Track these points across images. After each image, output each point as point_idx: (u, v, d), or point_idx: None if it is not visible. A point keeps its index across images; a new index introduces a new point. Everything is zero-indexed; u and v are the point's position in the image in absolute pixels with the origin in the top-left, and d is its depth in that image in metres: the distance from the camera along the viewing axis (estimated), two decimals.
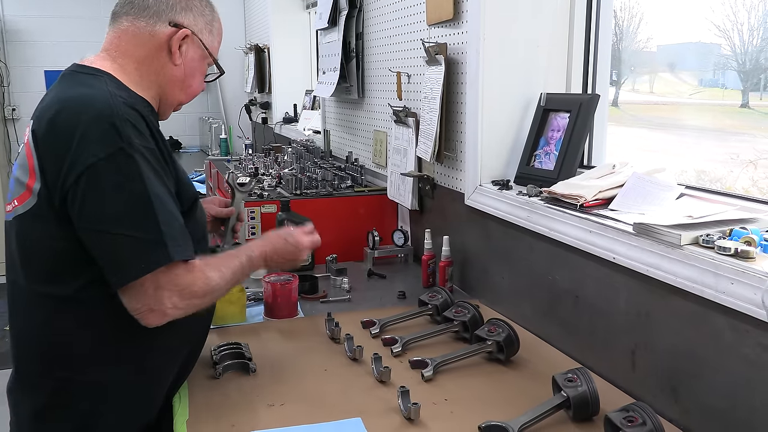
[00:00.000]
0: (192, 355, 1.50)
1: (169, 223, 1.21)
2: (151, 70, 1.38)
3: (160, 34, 1.37)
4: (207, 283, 1.28)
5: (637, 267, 1.35)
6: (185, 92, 1.44)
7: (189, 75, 1.42)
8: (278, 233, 1.53)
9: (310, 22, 4.92)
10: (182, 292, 1.23)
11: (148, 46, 1.36)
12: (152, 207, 1.19)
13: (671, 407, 1.32)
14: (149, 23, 1.36)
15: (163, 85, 1.40)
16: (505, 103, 1.97)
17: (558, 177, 1.78)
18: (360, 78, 3.00)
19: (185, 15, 1.39)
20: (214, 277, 1.30)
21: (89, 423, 1.31)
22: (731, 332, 1.17)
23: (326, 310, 1.86)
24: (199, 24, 1.41)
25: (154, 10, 1.36)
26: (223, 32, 1.51)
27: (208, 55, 1.44)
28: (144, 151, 1.21)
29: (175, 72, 1.40)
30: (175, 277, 1.22)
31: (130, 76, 1.35)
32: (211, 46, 1.45)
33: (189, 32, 1.38)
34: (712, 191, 1.55)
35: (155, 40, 1.36)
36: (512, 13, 1.92)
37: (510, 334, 1.58)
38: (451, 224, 2.19)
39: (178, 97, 1.44)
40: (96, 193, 1.18)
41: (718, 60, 1.82)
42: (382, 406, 1.37)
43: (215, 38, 1.47)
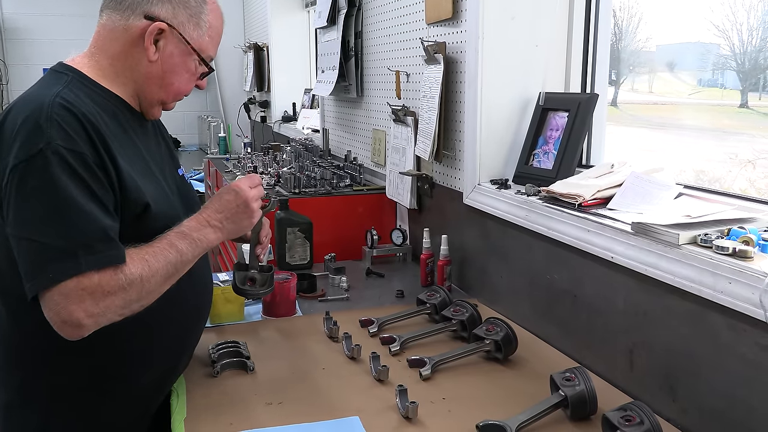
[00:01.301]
0: (170, 369, 1.44)
1: (84, 230, 1.13)
2: (126, 66, 1.31)
3: (133, 28, 1.28)
4: (122, 278, 1.16)
5: (635, 266, 1.35)
6: (165, 90, 1.35)
7: (168, 72, 1.33)
8: (224, 187, 1.39)
9: (309, 21, 4.92)
10: (93, 294, 1.13)
11: (122, 40, 1.29)
12: (65, 213, 1.13)
13: (669, 406, 1.32)
14: (123, 16, 1.28)
15: (139, 82, 1.32)
16: (503, 102, 1.97)
17: (556, 176, 1.78)
18: (359, 77, 3.00)
19: (162, 6, 1.29)
20: (133, 270, 1.18)
21: (52, 423, 1.32)
22: (729, 332, 1.17)
23: (324, 309, 1.86)
24: (180, 16, 1.30)
25: (129, 2, 1.28)
26: (222, 25, 1.41)
27: (191, 51, 1.33)
28: (66, 153, 1.14)
29: (151, 69, 1.31)
30: (82, 281, 1.12)
31: (104, 72, 1.31)
32: (196, 41, 1.33)
33: (165, 26, 1.28)
34: (711, 191, 1.55)
35: (129, 34, 1.29)
36: (511, 12, 1.92)
37: (508, 333, 1.58)
38: (450, 223, 2.19)
39: (157, 95, 1.35)
40: (16, 197, 1.14)
41: (717, 60, 1.82)
42: (380, 404, 1.37)
43: (204, 32, 1.35)
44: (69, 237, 1.12)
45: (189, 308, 1.43)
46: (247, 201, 1.37)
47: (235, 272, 1.52)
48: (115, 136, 1.24)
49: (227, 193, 1.37)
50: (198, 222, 1.31)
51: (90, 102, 1.24)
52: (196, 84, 1.41)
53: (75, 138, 1.15)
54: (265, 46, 5.18)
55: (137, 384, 1.37)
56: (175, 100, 1.40)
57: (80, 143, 1.16)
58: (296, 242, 2.35)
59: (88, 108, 1.21)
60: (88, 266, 1.12)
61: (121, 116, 1.31)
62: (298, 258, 2.36)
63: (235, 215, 1.36)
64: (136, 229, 1.24)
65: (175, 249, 1.24)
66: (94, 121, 1.20)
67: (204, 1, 1.35)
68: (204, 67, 1.38)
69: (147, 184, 1.29)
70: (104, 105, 1.28)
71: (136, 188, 1.24)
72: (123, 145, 1.26)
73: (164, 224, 1.28)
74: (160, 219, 1.28)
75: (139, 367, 1.35)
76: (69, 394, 1.31)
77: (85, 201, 1.14)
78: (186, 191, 1.50)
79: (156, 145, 1.46)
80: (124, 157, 1.24)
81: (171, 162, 1.51)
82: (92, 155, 1.17)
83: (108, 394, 1.34)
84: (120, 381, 1.34)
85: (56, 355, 1.28)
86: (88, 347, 1.22)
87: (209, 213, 1.33)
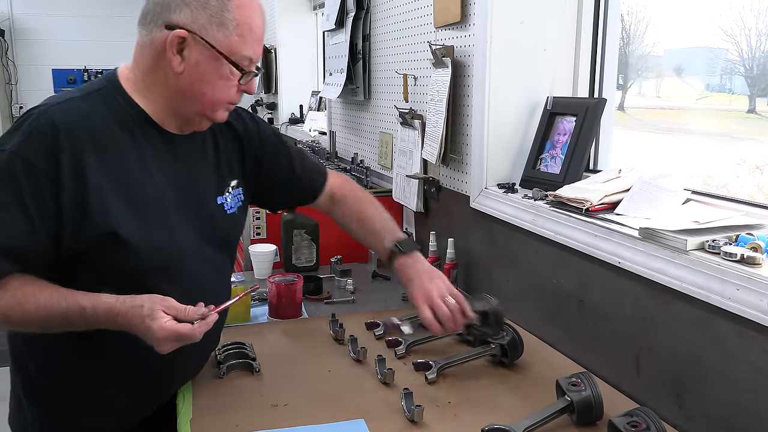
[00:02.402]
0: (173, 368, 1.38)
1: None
2: (156, 81, 1.25)
3: (157, 41, 1.21)
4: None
5: (642, 272, 1.35)
6: (199, 102, 1.25)
7: (197, 81, 1.23)
8: (146, 306, 1.15)
9: (316, 24, 4.93)
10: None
11: (149, 55, 1.23)
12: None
13: (675, 413, 1.31)
14: (148, 30, 1.23)
15: (169, 97, 1.25)
16: (511, 106, 1.97)
17: (564, 181, 1.78)
18: (366, 80, 3.01)
19: (180, 13, 1.19)
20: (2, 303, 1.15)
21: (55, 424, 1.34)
22: (737, 338, 1.17)
23: (330, 311, 1.86)
24: (199, 19, 1.19)
25: (151, 15, 1.22)
26: (257, 16, 1.24)
27: (219, 55, 1.21)
28: (16, 160, 1.13)
29: (180, 81, 1.23)
30: None
31: (137, 86, 1.26)
32: (224, 44, 1.21)
33: (184, 32, 1.19)
34: (719, 196, 1.55)
35: (154, 48, 1.22)
36: (519, 16, 1.92)
37: (514, 338, 1.58)
38: (456, 227, 2.19)
39: (191, 108, 1.26)
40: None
41: (725, 65, 1.82)
42: (385, 407, 1.37)
43: (232, 31, 1.21)
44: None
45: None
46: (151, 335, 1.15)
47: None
48: (111, 150, 1.20)
49: (139, 320, 1.15)
50: (104, 311, 1.15)
51: (104, 114, 1.22)
52: (241, 89, 1.29)
53: (35, 149, 1.14)
54: (273, 49, 5.19)
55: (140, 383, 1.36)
56: (218, 109, 1.28)
57: (37, 154, 1.14)
58: (302, 244, 2.36)
59: (88, 118, 1.19)
60: None
61: (139, 133, 1.25)
62: (304, 260, 2.36)
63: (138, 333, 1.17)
64: (108, 257, 1.20)
65: (64, 316, 1.16)
66: (78, 133, 1.17)
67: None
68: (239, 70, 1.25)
69: (128, 214, 1.21)
70: (123, 120, 1.24)
71: (103, 211, 1.17)
72: (119, 163, 1.21)
73: (150, 262, 1.22)
74: (142, 255, 1.21)
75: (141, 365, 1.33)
76: (72, 395, 1.32)
77: (1, 213, 1.13)
78: (213, 224, 1.38)
79: (193, 170, 1.35)
80: (107, 174, 1.19)
81: (211, 188, 1.39)
82: (47, 167, 1.14)
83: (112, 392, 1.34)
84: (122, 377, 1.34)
85: (62, 354, 1.29)
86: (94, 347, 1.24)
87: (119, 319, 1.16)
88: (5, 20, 5.90)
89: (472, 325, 1.42)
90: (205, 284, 1.34)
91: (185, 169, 1.33)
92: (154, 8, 1.22)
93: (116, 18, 6.17)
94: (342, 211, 1.65)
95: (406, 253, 1.51)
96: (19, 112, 6.12)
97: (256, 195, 1.54)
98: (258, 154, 1.49)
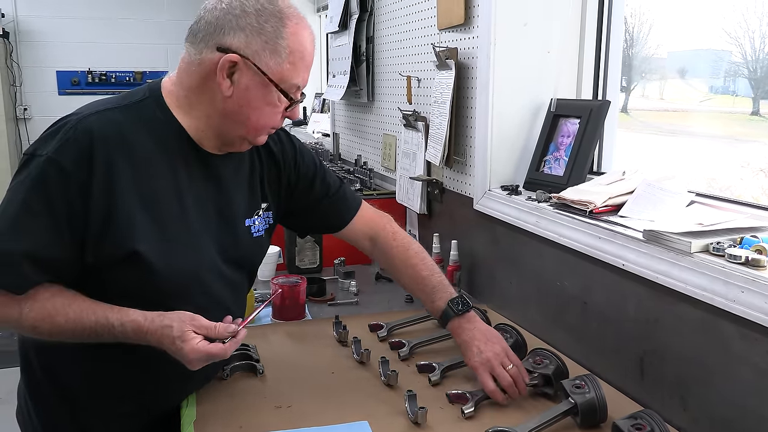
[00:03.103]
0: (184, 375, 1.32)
1: (1, 243, 1.12)
2: (201, 101, 1.23)
3: (207, 62, 1.19)
4: (14, 317, 1.15)
5: (646, 274, 1.35)
6: (245, 126, 1.24)
7: (245, 106, 1.21)
8: (175, 327, 1.16)
9: (320, 26, 4.93)
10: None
11: (196, 74, 1.21)
12: (5, 219, 1.13)
13: (680, 415, 1.31)
14: (198, 50, 1.20)
15: (214, 118, 1.23)
16: (515, 108, 1.97)
17: (567, 183, 1.78)
18: (370, 82, 3.01)
19: (234, 36, 1.17)
20: (31, 317, 1.15)
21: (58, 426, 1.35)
22: (741, 341, 1.17)
23: (334, 313, 1.86)
24: (253, 45, 1.18)
25: (203, 35, 1.19)
26: (309, 44, 1.25)
27: (269, 82, 1.20)
28: (50, 165, 1.12)
29: (227, 105, 1.21)
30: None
31: (179, 102, 1.25)
32: (275, 71, 1.20)
33: (237, 57, 1.17)
34: (723, 199, 1.55)
35: (202, 68, 1.20)
36: (523, 18, 1.92)
37: (518, 340, 1.58)
38: (460, 229, 2.19)
39: (236, 131, 1.25)
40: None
41: (729, 67, 1.81)
42: (389, 409, 1.37)
43: (284, 59, 1.20)
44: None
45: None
46: (182, 356, 1.17)
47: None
48: (143, 167, 1.19)
49: (169, 341, 1.16)
50: (133, 328, 1.17)
51: (140, 127, 1.20)
52: (285, 115, 1.29)
53: (73, 156, 1.13)
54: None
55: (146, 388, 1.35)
56: (261, 134, 1.29)
57: (74, 162, 1.13)
58: (306, 246, 2.36)
59: (123, 132, 1.18)
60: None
61: (174, 150, 1.24)
62: (307, 262, 2.36)
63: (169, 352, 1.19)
64: (128, 276, 1.19)
65: (93, 330, 1.16)
66: (112, 146, 1.16)
67: (282, 24, 1.20)
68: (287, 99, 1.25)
69: (154, 231, 1.20)
70: (160, 136, 1.23)
71: (126, 231, 1.17)
72: (148, 180, 1.20)
73: (169, 279, 1.22)
74: (163, 275, 1.21)
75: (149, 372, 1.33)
76: (76, 398, 1.32)
77: (30, 218, 1.12)
78: (236, 245, 1.36)
79: (224, 191, 1.33)
80: (137, 192, 1.18)
81: (241, 211, 1.37)
82: (80, 176, 1.13)
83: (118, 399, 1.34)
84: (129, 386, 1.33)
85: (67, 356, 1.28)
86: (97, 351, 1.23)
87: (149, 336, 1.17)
88: (9, 22, 5.91)
89: (535, 385, 1.43)
90: (222, 303, 1.34)
91: (215, 189, 1.32)
92: (206, 28, 1.19)
93: (120, 20, 6.18)
94: (390, 262, 1.60)
95: (461, 315, 1.49)
96: (23, 114, 6.13)
97: (284, 217, 1.53)
98: (292, 178, 1.49)
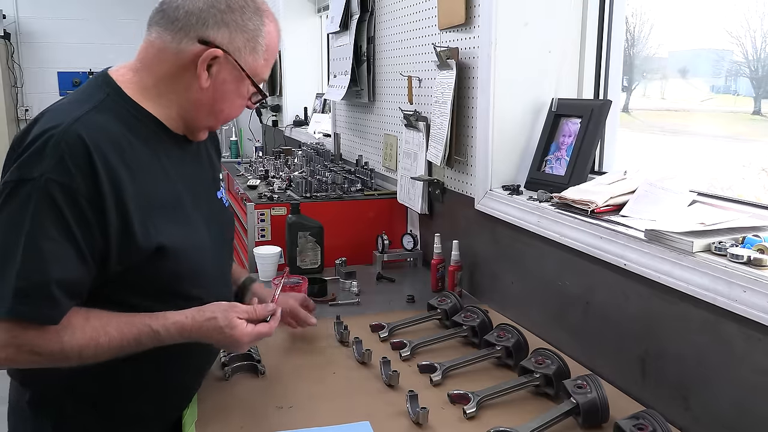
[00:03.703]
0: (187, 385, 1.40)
1: (29, 278, 1.07)
2: (173, 89, 1.22)
3: (185, 52, 1.19)
4: (57, 348, 1.12)
5: (648, 274, 1.34)
6: (215, 117, 1.27)
7: (219, 99, 1.24)
8: (220, 317, 1.22)
9: (321, 26, 4.93)
10: (21, 347, 1.09)
11: (171, 63, 1.20)
12: (20, 254, 1.06)
13: (682, 415, 1.31)
14: (176, 38, 1.19)
15: (186, 107, 1.24)
16: (516, 108, 1.97)
17: (569, 182, 1.78)
18: (371, 82, 3.01)
19: (218, 31, 1.19)
20: (74, 344, 1.12)
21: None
22: (743, 340, 1.16)
23: (335, 313, 1.86)
24: (236, 42, 1.20)
25: (183, 24, 1.18)
26: (278, 42, 1.30)
27: (246, 77, 1.23)
28: (56, 189, 1.07)
29: (202, 95, 1.22)
30: (15, 330, 1.08)
31: (147, 91, 1.23)
32: (251, 67, 1.23)
33: (220, 52, 1.19)
34: (725, 198, 1.54)
35: (180, 58, 1.19)
36: (524, 18, 1.92)
37: (519, 340, 1.58)
38: (461, 229, 2.19)
39: (205, 122, 1.28)
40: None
41: (730, 66, 1.81)
42: (390, 410, 1.37)
43: (261, 55, 1.24)
44: (9, 280, 1.06)
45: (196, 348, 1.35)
46: (234, 342, 1.25)
47: None
48: (137, 166, 1.17)
49: (217, 331, 1.22)
50: (178, 329, 1.20)
51: (119, 125, 1.17)
52: (246, 105, 1.32)
53: (74, 173, 1.08)
54: (278, 51, 5.20)
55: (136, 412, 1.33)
56: (224, 124, 1.35)
57: (77, 178, 1.08)
58: (307, 246, 2.36)
59: (111, 135, 1.15)
60: (12, 314, 1.06)
61: (153, 140, 1.23)
62: (308, 262, 2.36)
63: (217, 343, 1.27)
64: (147, 270, 1.19)
65: (137, 341, 1.17)
66: (109, 154, 1.12)
67: (262, 22, 1.24)
68: (258, 94, 1.29)
69: (166, 223, 1.21)
70: (136, 128, 1.21)
71: (144, 232, 1.16)
72: (145, 175, 1.19)
73: (180, 266, 1.23)
74: (177, 259, 1.22)
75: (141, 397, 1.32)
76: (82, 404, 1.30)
77: (50, 246, 1.08)
78: (218, 220, 1.41)
79: (198, 169, 1.38)
80: (140, 192, 1.17)
81: (212, 185, 1.43)
82: (88, 192, 1.09)
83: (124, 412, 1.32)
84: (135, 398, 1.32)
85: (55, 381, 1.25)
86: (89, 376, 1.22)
87: (194, 333, 1.21)
88: (11, 23, 5.93)
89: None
90: (222, 277, 1.39)
91: (192, 168, 1.35)
92: (187, 18, 1.19)
93: (121, 21, 6.19)
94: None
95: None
96: (24, 115, 6.13)
97: None
98: (218, 150, 1.55)
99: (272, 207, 2.49)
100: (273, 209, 2.48)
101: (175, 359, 1.27)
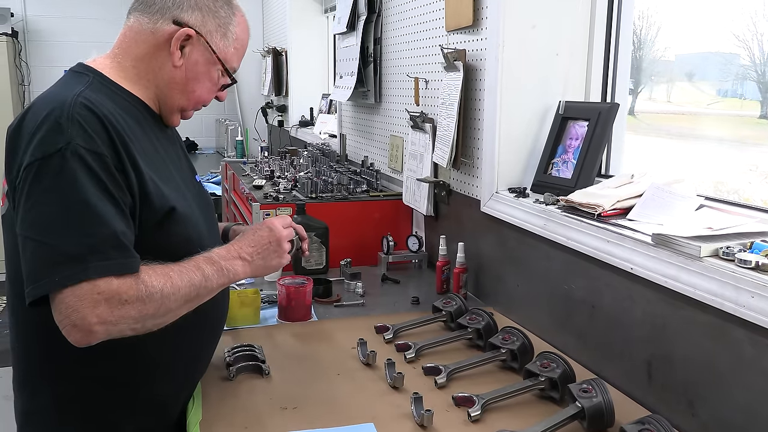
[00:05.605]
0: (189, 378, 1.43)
1: (96, 234, 1.10)
2: (149, 69, 1.31)
3: (161, 32, 1.29)
4: (142, 289, 1.13)
5: (655, 278, 1.34)
6: (187, 97, 1.35)
7: (191, 79, 1.33)
8: (257, 225, 1.41)
9: (328, 26, 4.94)
10: (110, 300, 1.10)
11: (148, 43, 1.30)
12: (77, 216, 1.09)
13: (688, 421, 1.30)
14: (152, 20, 1.29)
15: (161, 87, 1.33)
16: (523, 110, 1.97)
17: (575, 185, 1.77)
18: (377, 83, 3.01)
19: (192, 13, 1.30)
20: (155, 283, 1.15)
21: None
22: (751, 346, 1.16)
23: (340, 314, 1.86)
24: (208, 25, 1.31)
25: (159, 6, 1.30)
26: (248, 39, 1.40)
27: (216, 60, 1.34)
28: (86, 154, 1.11)
29: (175, 74, 1.31)
30: (99, 285, 1.09)
31: (126, 73, 1.31)
32: (222, 51, 1.34)
33: (193, 32, 1.29)
34: (732, 203, 1.54)
35: (156, 37, 1.29)
36: (532, 20, 1.91)
37: (524, 343, 1.57)
38: (467, 231, 2.19)
39: (178, 101, 1.35)
40: (28, 195, 1.11)
41: (737, 70, 1.80)
42: (394, 412, 1.37)
43: (231, 43, 1.35)
44: (79, 240, 1.09)
45: (207, 317, 1.40)
46: (280, 240, 1.38)
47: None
48: (136, 138, 1.23)
49: (261, 229, 1.38)
50: (228, 252, 1.31)
51: (111, 104, 1.22)
52: (216, 95, 1.41)
53: (95, 139, 1.13)
54: (284, 51, 5.20)
55: (155, 393, 1.35)
56: (195, 108, 1.40)
57: (100, 144, 1.14)
58: (312, 247, 2.35)
59: (110, 109, 1.20)
60: (97, 272, 1.08)
61: (142, 119, 1.30)
62: (314, 263, 2.36)
63: (267, 252, 1.37)
64: (161, 235, 1.24)
65: (201, 272, 1.23)
66: (116, 123, 1.18)
67: (233, 13, 1.35)
68: (226, 78, 1.38)
69: (170, 190, 1.27)
70: (126, 107, 1.27)
71: (158, 193, 1.22)
72: (144, 149, 1.25)
73: (189, 230, 1.29)
74: (185, 223, 1.28)
75: (158, 376, 1.34)
76: (83, 403, 1.30)
77: (101, 204, 1.11)
78: (204, 199, 1.49)
79: (178, 152, 1.46)
80: (146, 161, 1.22)
81: (188, 168, 1.50)
82: (112, 157, 1.15)
83: (126, 404, 1.32)
84: (137, 390, 1.32)
85: (73, 363, 1.25)
86: (108, 355, 1.22)
87: (241, 245, 1.34)
88: (18, 21, 5.94)
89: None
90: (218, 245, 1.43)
91: (175, 151, 1.44)
92: (162, 1, 1.30)
93: None
94: None
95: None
96: None
97: None
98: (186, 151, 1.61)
99: (278, 207, 2.49)
100: (278, 209, 2.48)
101: (187, 332, 1.30)
